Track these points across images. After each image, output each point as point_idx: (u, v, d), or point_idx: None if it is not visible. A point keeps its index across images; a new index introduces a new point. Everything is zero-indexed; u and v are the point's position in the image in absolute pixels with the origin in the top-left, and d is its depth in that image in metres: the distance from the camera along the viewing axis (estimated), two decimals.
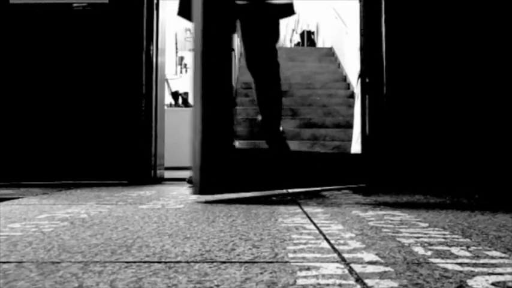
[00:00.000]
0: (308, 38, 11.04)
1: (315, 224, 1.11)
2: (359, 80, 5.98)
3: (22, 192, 2.14)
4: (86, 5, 2.58)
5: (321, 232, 1.00)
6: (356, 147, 5.34)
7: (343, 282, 0.62)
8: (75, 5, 2.59)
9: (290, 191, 2.05)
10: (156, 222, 1.15)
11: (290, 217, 1.23)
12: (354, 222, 1.15)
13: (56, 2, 2.58)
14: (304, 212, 1.33)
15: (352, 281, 0.63)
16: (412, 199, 1.78)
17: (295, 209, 1.42)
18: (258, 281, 0.63)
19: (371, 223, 1.13)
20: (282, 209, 1.42)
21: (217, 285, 0.60)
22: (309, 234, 0.98)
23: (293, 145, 5.89)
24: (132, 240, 0.92)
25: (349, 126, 5.88)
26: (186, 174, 3.59)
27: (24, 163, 2.60)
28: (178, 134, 4.87)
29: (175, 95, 5.95)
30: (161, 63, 2.79)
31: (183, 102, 5.86)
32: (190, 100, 6.10)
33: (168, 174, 2.94)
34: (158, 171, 2.68)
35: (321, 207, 1.45)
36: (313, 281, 0.63)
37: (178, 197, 1.75)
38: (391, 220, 1.18)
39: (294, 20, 12.12)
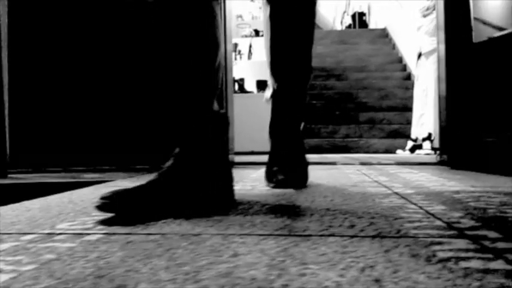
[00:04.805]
0: (359, 19, 10.80)
1: (415, 204, 1.13)
2: (418, 61, 5.78)
3: (109, 176, 2.29)
4: None
5: (427, 212, 1.02)
6: (416, 130, 5.21)
7: (483, 255, 0.65)
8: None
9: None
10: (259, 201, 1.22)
11: (385, 198, 1.26)
12: (453, 202, 1.16)
13: None
14: (397, 193, 1.35)
15: (490, 255, 0.65)
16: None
17: (385, 190, 1.44)
18: (399, 252, 0.67)
19: (472, 204, 1.14)
20: (372, 190, 1.45)
21: (363, 255, 0.65)
22: (416, 213, 1.01)
23: (347, 130, 5.84)
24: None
25: (407, 109, 5.75)
26: (250, 158, 3.68)
27: (100, 149, 2.77)
28: (234, 119, 4.96)
29: None
30: (229, 50, 2.86)
31: (239, 88, 5.95)
32: (247, 86, 6.17)
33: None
34: (229, 156, 2.76)
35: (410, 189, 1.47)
36: (451, 254, 0.66)
37: (260, 179, 1.81)
38: (491, 201, 1.18)
39: (344, 2, 11.86)
